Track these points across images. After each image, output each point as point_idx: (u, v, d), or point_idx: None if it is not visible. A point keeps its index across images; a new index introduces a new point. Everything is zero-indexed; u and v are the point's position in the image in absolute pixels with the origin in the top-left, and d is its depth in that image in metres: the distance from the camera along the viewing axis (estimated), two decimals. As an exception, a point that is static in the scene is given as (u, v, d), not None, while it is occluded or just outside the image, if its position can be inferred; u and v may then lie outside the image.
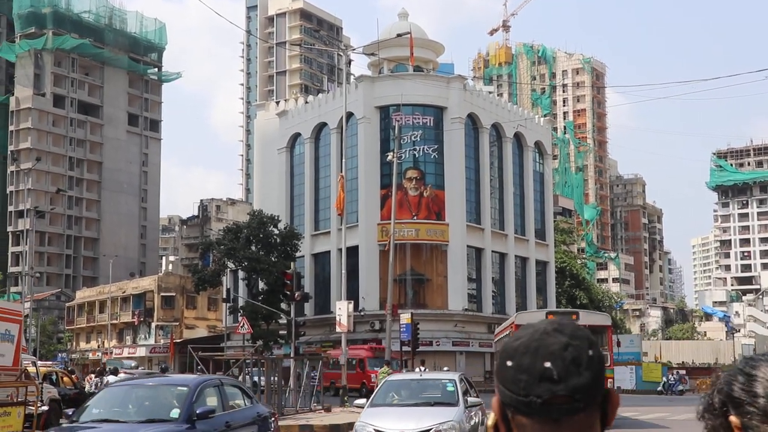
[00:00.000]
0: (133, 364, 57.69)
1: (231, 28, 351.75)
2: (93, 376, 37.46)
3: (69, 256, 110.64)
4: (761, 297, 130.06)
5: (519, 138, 66.27)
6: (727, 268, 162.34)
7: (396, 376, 18.54)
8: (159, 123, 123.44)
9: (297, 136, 66.05)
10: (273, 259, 54.18)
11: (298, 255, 56.92)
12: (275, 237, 55.78)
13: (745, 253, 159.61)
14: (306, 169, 64.47)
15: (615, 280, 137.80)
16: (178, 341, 67.08)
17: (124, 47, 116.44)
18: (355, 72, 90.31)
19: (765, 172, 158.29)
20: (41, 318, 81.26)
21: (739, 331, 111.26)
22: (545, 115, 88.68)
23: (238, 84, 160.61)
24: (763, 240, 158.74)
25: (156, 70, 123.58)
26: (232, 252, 54.47)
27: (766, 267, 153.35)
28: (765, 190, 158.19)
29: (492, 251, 62.47)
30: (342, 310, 34.72)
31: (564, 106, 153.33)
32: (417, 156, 60.16)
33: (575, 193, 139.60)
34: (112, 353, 77.90)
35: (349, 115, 54.01)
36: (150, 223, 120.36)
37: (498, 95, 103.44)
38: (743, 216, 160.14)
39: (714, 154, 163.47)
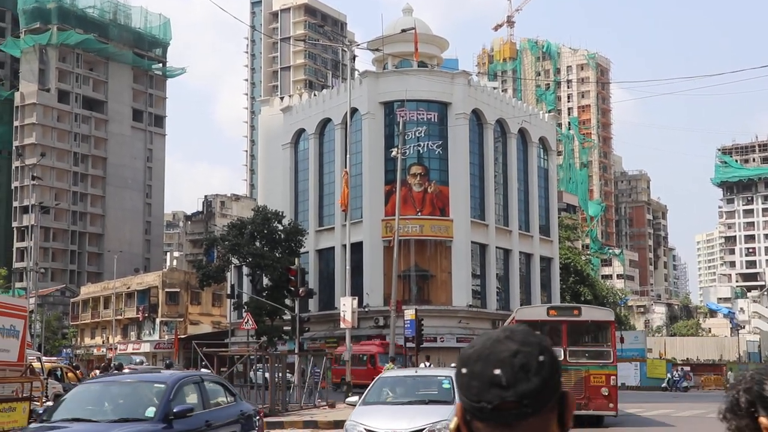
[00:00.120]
0: (142, 359, 57.56)
1: (235, 23, 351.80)
2: (97, 371, 37.45)
3: (74, 251, 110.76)
4: (766, 293, 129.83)
5: (523, 134, 66.15)
6: (732, 264, 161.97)
7: (390, 372, 18.09)
8: (163, 118, 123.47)
9: (301, 131, 66.01)
10: (277, 255, 54.20)
11: (302, 251, 56.99)
12: (279, 233, 55.78)
13: (750, 250, 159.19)
14: (310, 165, 64.42)
15: (619, 276, 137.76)
16: (182, 337, 67.17)
17: (128, 42, 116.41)
18: (360, 68, 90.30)
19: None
20: (46, 314, 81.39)
21: (744, 328, 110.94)
22: (550, 111, 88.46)
23: (242, 79, 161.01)
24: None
25: (160, 65, 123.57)
26: (236, 248, 54.51)
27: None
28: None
29: (496, 247, 62.38)
30: (346, 306, 34.73)
31: (569, 101, 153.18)
32: (421, 152, 60.11)
33: (580, 189, 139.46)
34: (116, 349, 77.97)
35: (354, 111, 53.94)
36: (154, 219, 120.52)
37: (502, 91, 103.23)
38: (748, 212, 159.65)
39: (719, 150, 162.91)
